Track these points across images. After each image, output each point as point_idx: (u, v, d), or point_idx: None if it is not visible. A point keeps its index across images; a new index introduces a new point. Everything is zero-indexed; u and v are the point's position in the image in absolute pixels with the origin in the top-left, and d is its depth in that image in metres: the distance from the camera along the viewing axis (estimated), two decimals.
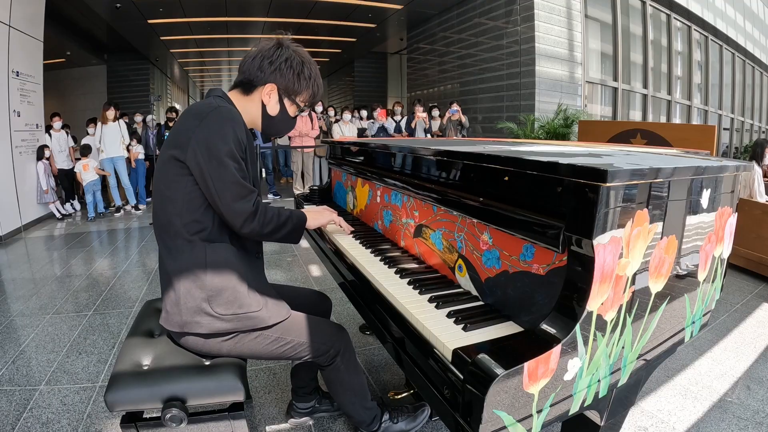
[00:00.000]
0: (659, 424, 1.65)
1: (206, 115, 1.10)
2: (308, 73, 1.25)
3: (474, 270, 1.07)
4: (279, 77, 1.21)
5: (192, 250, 1.12)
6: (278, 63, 1.20)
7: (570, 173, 0.80)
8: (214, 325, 1.12)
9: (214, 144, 1.07)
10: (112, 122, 6.01)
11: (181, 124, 1.14)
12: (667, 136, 4.08)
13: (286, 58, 1.21)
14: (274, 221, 1.19)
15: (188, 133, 1.09)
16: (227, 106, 1.14)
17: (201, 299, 1.10)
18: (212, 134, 1.08)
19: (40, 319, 2.60)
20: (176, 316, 1.12)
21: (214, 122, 1.09)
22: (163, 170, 1.13)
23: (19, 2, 5.12)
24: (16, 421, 1.66)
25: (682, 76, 10.76)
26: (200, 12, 9.06)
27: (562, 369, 0.76)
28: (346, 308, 2.65)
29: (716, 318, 2.59)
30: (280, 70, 1.21)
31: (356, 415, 1.40)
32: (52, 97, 8.94)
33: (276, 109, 1.26)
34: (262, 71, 1.21)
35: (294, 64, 1.22)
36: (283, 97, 1.25)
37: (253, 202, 1.13)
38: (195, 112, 1.13)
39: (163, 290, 1.16)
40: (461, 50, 9.01)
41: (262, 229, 1.16)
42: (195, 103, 1.17)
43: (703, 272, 1.11)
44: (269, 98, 1.23)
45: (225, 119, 1.10)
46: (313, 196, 2.25)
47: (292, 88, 1.24)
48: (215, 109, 1.11)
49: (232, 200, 1.09)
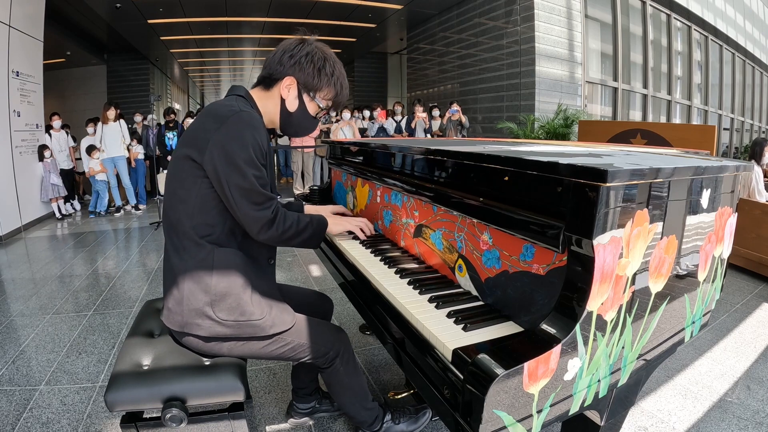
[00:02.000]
0: (659, 424, 1.65)
1: (227, 118, 1.07)
2: (330, 69, 1.21)
3: (474, 270, 1.07)
4: (298, 70, 1.18)
5: (199, 252, 1.11)
6: (299, 56, 1.18)
7: (570, 173, 0.80)
8: (215, 329, 1.11)
9: (233, 150, 1.05)
10: (112, 122, 6.01)
11: (200, 124, 1.11)
12: (667, 136, 4.08)
13: (307, 53, 1.18)
14: (293, 228, 1.17)
15: (207, 135, 1.07)
16: (248, 111, 1.12)
17: (204, 302, 1.10)
18: (231, 140, 1.05)
19: (40, 319, 2.60)
20: (177, 316, 1.11)
21: (234, 127, 1.06)
22: (177, 168, 1.12)
23: (19, 2, 5.12)
24: (16, 421, 1.66)
25: (682, 76, 10.76)
26: (200, 12, 9.06)
27: (562, 369, 0.76)
28: (346, 308, 2.65)
29: (716, 318, 2.59)
30: (300, 64, 1.18)
31: (357, 415, 1.40)
32: (52, 97, 8.95)
33: (295, 104, 1.22)
34: (282, 65, 1.18)
35: (315, 59, 1.19)
36: (302, 93, 1.21)
37: (272, 210, 1.12)
38: (215, 114, 1.10)
39: (166, 287, 1.15)
40: (461, 50, 9.01)
41: (280, 236, 1.15)
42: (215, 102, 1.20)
43: (703, 272, 1.11)
44: (288, 93, 1.21)
45: (245, 124, 1.08)
46: (313, 196, 2.25)
47: (312, 83, 1.20)
48: (237, 113, 1.08)
49: (250, 208, 1.08)
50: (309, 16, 9.64)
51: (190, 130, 1.14)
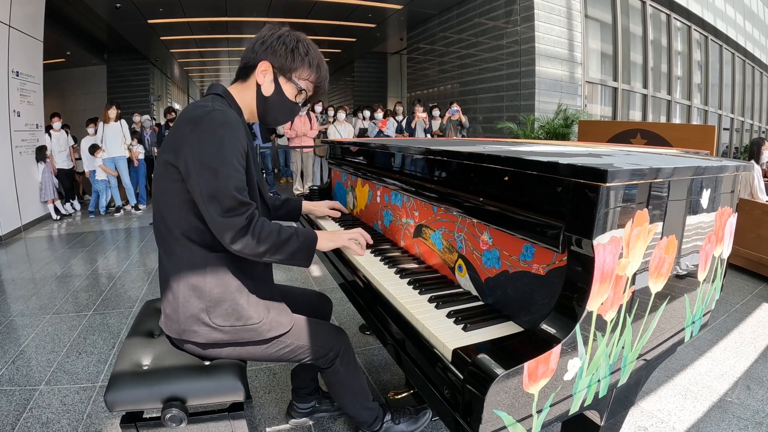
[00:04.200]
0: (659, 424, 1.65)
1: (200, 120, 1.03)
2: (304, 49, 1.17)
3: (474, 270, 1.07)
4: (271, 54, 1.15)
5: (192, 257, 1.08)
6: (270, 41, 1.15)
7: (570, 173, 0.80)
8: (212, 335, 1.10)
9: (204, 150, 1.01)
10: (113, 122, 6.01)
11: (177, 127, 1.08)
12: (667, 136, 4.08)
13: (279, 36, 1.15)
14: (271, 239, 1.05)
15: (182, 138, 1.04)
16: (222, 110, 1.06)
17: (199, 309, 1.08)
18: (203, 141, 1.01)
19: (40, 319, 2.60)
20: (175, 324, 1.11)
21: (207, 127, 1.02)
22: (160, 175, 1.09)
23: (19, 2, 5.11)
24: (16, 421, 1.66)
25: (682, 76, 10.77)
26: (200, 12, 9.07)
27: (562, 369, 0.76)
28: (346, 308, 2.65)
29: (716, 318, 2.59)
30: (272, 47, 1.14)
31: (357, 415, 1.40)
32: (52, 97, 8.95)
33: (271, 89, 1.18)
34: (255, 52, 1.15)
35: (287, 40, 1.15)
36: (278, 76, 1.17)
37: (247, 216, 1.02)
38: (189, 116, 1.06)
39: (163, 292, 1.14)
40: (461, 50, 9.01)
41: (256, 248, 1.04)
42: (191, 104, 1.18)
43: (703, 272, 1.11)
44: (264, 78, 1.16)
45: (218, 124, 1.03)
46: (313, 196, 2.25)
47: (286, 64, 1.16)
48: (209, 113, 1.04)
49: (219, 213, 1.00)
50: (309, 16, 9.64)
51: (168, 135, 1.11)
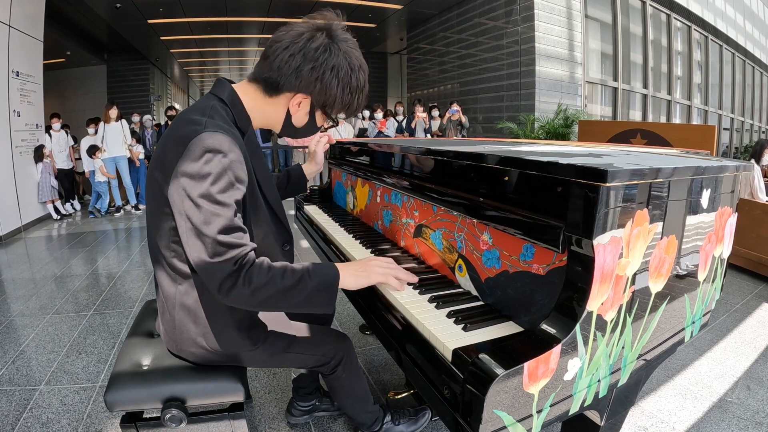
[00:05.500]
0: (659, 424, 1.65)
1: (188, 140, 0.87)
2: (356, 83, 1.00)
3: (474, 270, 1.07)
4: (318, 90, 0.97)
5: (186, 284, 1.01)
6: (321, 70, 0.94)
7: (570, 173, 0.80)
8: (209, 357, 1.09)
9: (188, 183, 0.85)
10: (114, 121, 6.01)
11: (166, 142, 0.94)
12: (667, 136, 4.08)
13: (333, 66, 0.95)
14: (271, 286, 0.87)
15: (171, 159, 0.89)
16: (213, 131, 0.88)
17: (196, 333, 1.05)
18: (188, 170, 0.85)
19: (40, 319, 2.60)
20: (172, 341, 1.09)
21: (193, 154, 0.86)
22: (150, 190, 0.98)
23: (19, 2, 5.12)
24: (16, 421, 1.66)
25: (682, 76, 10.78)
26: (200, 12, 9.07)
27: (562, 369, 0.76)
28: (346, 308, 2.65)
29: (716, 318, 2.59)
30: (322, 82, 0.95)
31: (357, 417, 1.40)
32: (52, 97, 8.95)
33: (303, 120, 1.05)
34: (299, 78, 0.95)
35: (341, 74, 0.96)
36: (315, 110, 1.04)
37: (235, 261, 0.84)
38: (177, 135, 0.90)
39: (160, 306, 1.09)
40: (461, 50, 9.01)
41: (250, 298, 0.86)
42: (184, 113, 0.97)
43: (703, 272, 1.11)
44: (298, 108, 1.01)
45: (206, 149, 0.86)
46: (313, 196, 2.25)
47: (329, 101, 1.00)
48: (198, 135, 0.87)
49: (203, 254, 0.84)
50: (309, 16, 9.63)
51: (159, 145, 0.98)
